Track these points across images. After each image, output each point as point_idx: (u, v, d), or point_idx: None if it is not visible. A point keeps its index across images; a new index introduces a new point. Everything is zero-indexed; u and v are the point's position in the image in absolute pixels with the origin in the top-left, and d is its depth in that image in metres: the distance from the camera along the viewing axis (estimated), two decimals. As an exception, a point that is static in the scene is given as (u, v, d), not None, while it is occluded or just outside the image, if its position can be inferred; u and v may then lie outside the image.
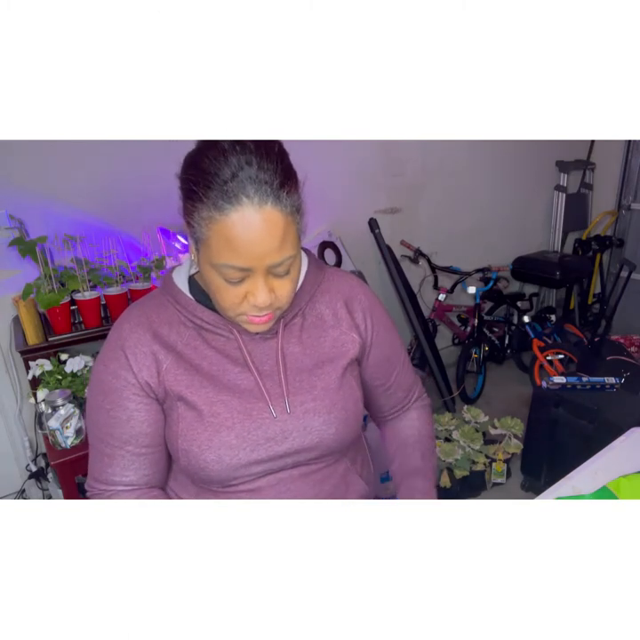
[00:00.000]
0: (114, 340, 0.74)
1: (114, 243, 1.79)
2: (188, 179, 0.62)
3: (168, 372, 0.73)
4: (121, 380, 0.72)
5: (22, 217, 1.64)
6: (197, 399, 0.72)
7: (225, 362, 0.74)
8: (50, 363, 1.53)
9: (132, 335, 0.73)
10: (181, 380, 0.73)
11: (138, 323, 0.74)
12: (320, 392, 0.76)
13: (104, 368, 0.74)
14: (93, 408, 0.75)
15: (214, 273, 0.65)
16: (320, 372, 0.77)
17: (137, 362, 0.72)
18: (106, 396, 0.73)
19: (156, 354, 0.73)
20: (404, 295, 2.55)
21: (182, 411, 0.73)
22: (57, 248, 1.67)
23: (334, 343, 0.80)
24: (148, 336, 0.73)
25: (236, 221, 0.60)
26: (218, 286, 0.66)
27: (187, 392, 0.72)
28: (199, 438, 0.71)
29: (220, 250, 0.62)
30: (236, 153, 0.60)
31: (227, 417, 0.72)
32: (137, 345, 0.73)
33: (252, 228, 0.60)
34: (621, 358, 2.51)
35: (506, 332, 3.04)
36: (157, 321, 0.75)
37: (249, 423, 0.73)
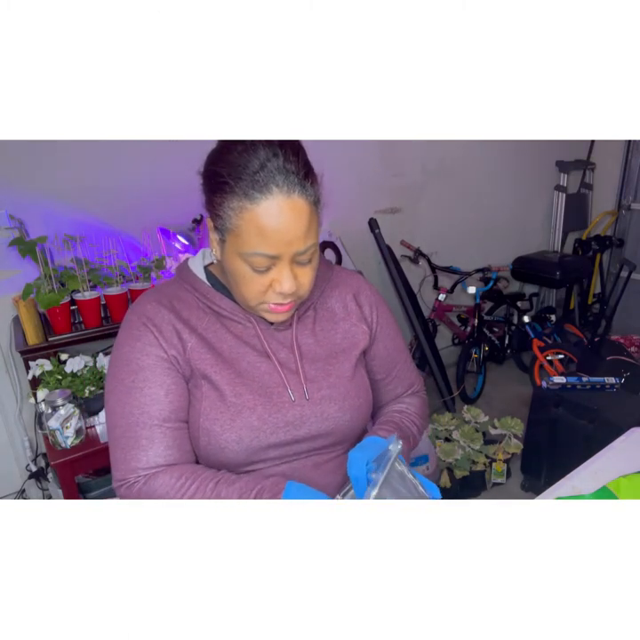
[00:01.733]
0: (136, 319, 0.74)
1: (114, 243, 1.79)
2: (216, 172, 0.65)
3: (193, 351, 0.74)
4: (152, 357, 0.73)
5: (22, 217, 1.64)
6: (220, 379, 0.74)
7: (244, 347, 0.77)
8: (50, 363, 1.53)
9: (156, 314, 0.74)
10: (205, 359, 0.74)
11: (160, 303, 0.76)
12: (335, 380, 0.80)
13: (130, 348, 0.73)
14: (122, 392, 0.72)
15: (241, 262, 0.67)
16: (334, 361, 0.81)
17: (164, 338, 0.73)
18: (137, 375, 0.72)
19: (180, 332, 0.74)
20: (403, 295, 2.55)
21: (206, 390, 0.74)
22: (57, 248, 1.67)
23: (345, 334, 0.83)
24: (171, 315, 0.75)
25: (267, 209, 0.63)
26: (244, 275, 0.68)
27: (211, 371, 0.74)
28: (221, 418, 0.73)
29: (250, 238, 0.64)
30: (263, 146, 0.63)
31: (249, 398, 0.74)
32: (162, 322, 0.74)
33: (282, 216, 0.63)
34: (621, 358, 2.51)
35: (506, 332, 3.04)
36: (177, 305, 0.76)
37: (270, 406, 0.75)
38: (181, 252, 1.87)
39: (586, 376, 2.00)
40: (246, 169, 0.63)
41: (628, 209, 3.46)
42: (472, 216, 3.02)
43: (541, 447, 2.02)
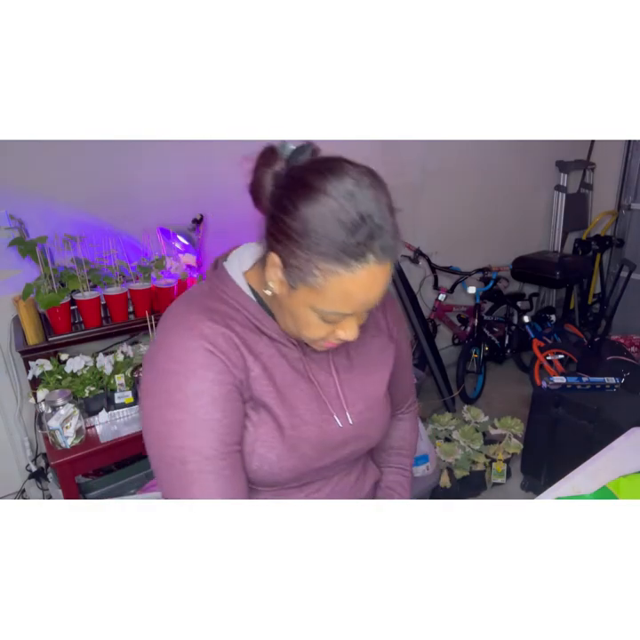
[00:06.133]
0: (198, 346, 0.66)
1: (114, 243, 1.78)
2: (303, 227, 0.58)
3: (255, 380, 0.71)
4: (225, 385, 0.67)
5: (22, 217, 1.64)
6: (279, 411, 0.72)
7: (293, 373, 0.74)
8: (50, 363, 1.52)
9: (218, 337, 0.67)
10: (267, 392, 0.71)
11: (216, 323, 0.68)
12: (372, 402, 0.81)
13: (201, 380, 0.66)
14: (195, 425, 0.65)
15: (311, 313, 0.65)
16: (369, 381, 0.81)
17: (233, 364, 0.68)
18: (212, 407, 0.66)
19: (245, 358, 0.70)
20: (403, 295, 2.55)
21: (264, 416, 0.72)
22: (57, 248, 1.66)
23: (378, 354, 0.83)
24: (235, 338, 0.69)
25: (361, 278, 0.59)
26: (309, 323, 0.66)
27: (271, 403, 0.71)
28: (279, 448, 0.72)
29: (334, 300, 0.61)
30: (360, 203, 0.57)
31: (303, 430, 0.73)
32: (228, 348, 0.68)
33: (374, 285, 0.61)
34: (621, 358, 2.51)
35: (506, 331, 3.04)
36: (234, 326, 0.70)
37: (321, 435, 0.75)
38: (181, 251, 1.87)
39: (586, 376, 2.00)
40: (342, 230, 0.57)
41: (628, 209, 3.46)
42: (472, 216, 3.02)
43: (541, 447, 2.02)
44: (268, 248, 0.65)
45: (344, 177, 0.58)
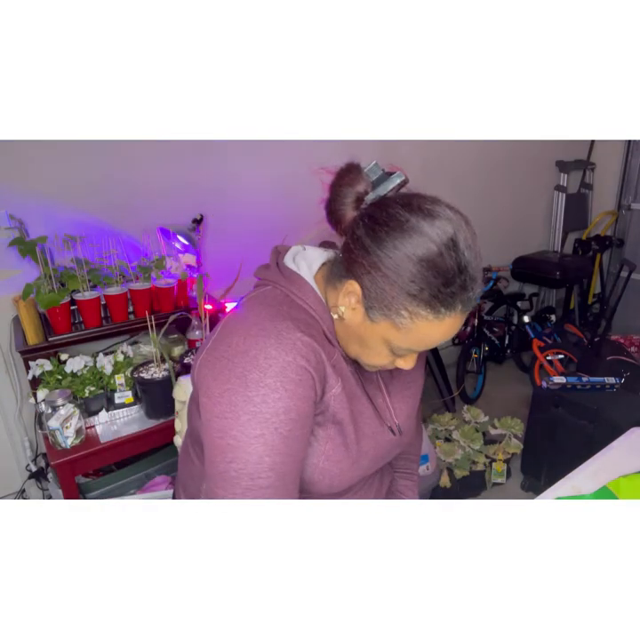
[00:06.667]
0: (292, 360, 0.63)
1: (114, 243, 1.78)
2: (399, 268, 0.57)
3: (336, 398, 0.69)
4: (309, 402, 0.66)
5: (22, 217, 1.64)
6: (349, 427, 0.72)
7: (355, 389, 0.74)
8: (50, 363, 1.52)
9: (311, 352, 0.65)
10: (343, 409, 0.70)
11: (307, 335, 0.66)
12: (412, 411, 0.84)
13: (290, 395, 0.63)
14: (275, 441, 0.63)
15: (384, 346, 0.66)
16: (408, 393, 0.83)
17: (319, 380, 0.67)
18: (296, 424, 0.64)
19: (328, 375, 0.68)
20: (404, 295, 2.54)
21: (333, 432, 0.71)
22: (57, 248, 1.66)
23: None
24: (322, 354, 0.67)
25: (446, 325, 0.61)
26: (378, 352, 0.67)
27: (345, 420, 0.71)
28: (343, 462, 0.73)
29: (411, 341, 0.63)
30: (458, 253, 0.58)
31: (365, 443, 0.75)
32: (318, 364, 0.66)
33: (453, 331, 0.63)
34: (621, 358, 2.51)
35: (506, 331, 3.04)
36: (317, 335, 0.68)
37: (377, 447, 0.77)
38: (181, 251, 1.87)
39: (586, 376, 2.00)
40: (440, 279, 0.57)
41: (628, 209, 3.46)
42: (472, 216, 2.98)
43: (541, 447, 2.02)
44: (349, 274, 0.63)
45: (445, 222, 0.59)
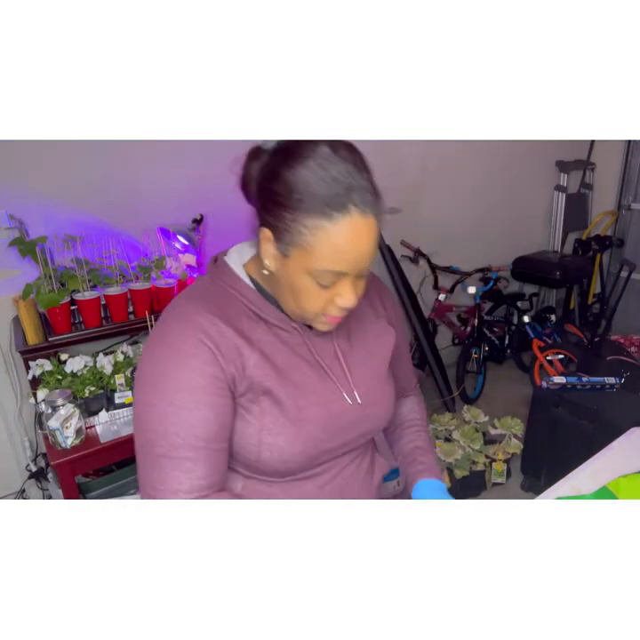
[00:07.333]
0: (190, 334, 0.68)
1: (114, 243, 1.79)
2: (288, 186, 0.62)
3: (255, 368, 0.71)
4: (207, 377, 0.68)
5: (22, 217, 1.64)
6: (283, 394, 0.73)
7: (295, 356, 0.76)
8: (50, 363, 1.53)
9: (212, 327, 0.69)
10: (268, 376, 0.72)
11: (213, 314, 0.70)
12: (376, 383, 0.83)
13: (184, 367, 0.67)
14: (168, 412, 0.67)
15: (308, 278, 0.67)
16: (371, 363, 0.84)
17: (223, 355, 0.69)
18: (189, 396, 0.67)
19: (240, 348, 0.70)
20: (403, 295, 2.55)
21: (267, 405, 0.73)
22: (57, 248, 1.67)
23: (377, 337, 0.86)
24: (230, 329, 0.70)
25: (346, 229, 0.62)
26: (308, 290, 0.68)
27: (274, 387, 0.72)
28: (286, 432, 0.73)
29: (324, 256, 0.64)
30: (336, 162, 0.62)
31: (310, 412, 0.75)
32: (221, 338, 0.69)
33: (359, 237, 0.63)
34: (621, 358, 2.51)
35: (506, 331, 3.04)
36: (230, 313, 0.72)
37: (329, 415, 0.77)
38: (181, 251, 1.87)
39: (586, 376, 2.00)
40: (323, 185, 0.61)
41: (628, 209, 3.47)
42: (472, 216, 3.02)
43: (541, 447, 2.02)
44: (259, 225, 0.68)
45: (320, 143, 0.63)
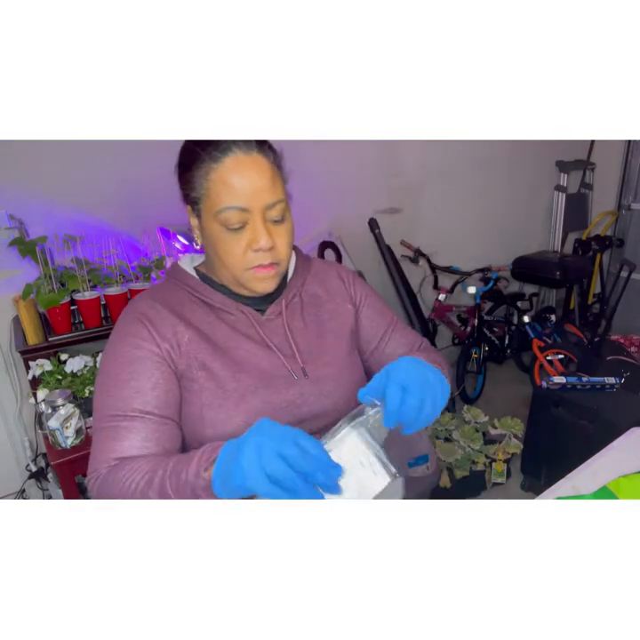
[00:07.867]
0: (130, 316, 0.77)
1: (114, 243, 1.78)
2: (184, 153, 0.74)
3: (190, 342, 0.76)
4: (144, 350, 0.74)
5: (22, 217, 1.64)
6: (219, 367, 0.76)
7: (239, 336, 0.79)
8: (50, 363, 1.53)
9: (150, 310, 0.77)
10: (203, 349, 0.76)
11: (154, 299, 0.79)
12: (330, 359, 0.84)
13: (122, 343, 0.75)
14: (108, 385, 0.73)
15: (217, 225, 0.72)
16: (325, 341, 0.86)
17: (158, 332, 0.75)
18: (126, 368, 0.73)
19: (175, 327, 0.76)
20: (403, 295, 2.55)
21: (204, 381, 0.75)
22: (57, 248, 1.67)
23: (332, 315, 0.89)
24: (166, 310, 0.77)
25: (230, 165, 0.70)
26: (222, 239, 0.73)
27: (209, 360, 0.76)
28: (225, 404, 0.74)
29: (219, 194, 0.71)
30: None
31: (249, 383, 0.76)
32: (156, 317, 0.76)
33: (245, 170, 0.70)
34: (621, 358, 2.51)
35: (506, 331, 3.04)
36: (171, 300, 0.79)
37: (271, 388, 0.78)
38: (181, 251, 1.87)
39: (586, 376, 2.00)
40: (210, 142, 0.70)
41: (628, 209, 3.46)
42: (472, 216, 3.02)
43: (541, 447, 2.02)
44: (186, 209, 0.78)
45: None
